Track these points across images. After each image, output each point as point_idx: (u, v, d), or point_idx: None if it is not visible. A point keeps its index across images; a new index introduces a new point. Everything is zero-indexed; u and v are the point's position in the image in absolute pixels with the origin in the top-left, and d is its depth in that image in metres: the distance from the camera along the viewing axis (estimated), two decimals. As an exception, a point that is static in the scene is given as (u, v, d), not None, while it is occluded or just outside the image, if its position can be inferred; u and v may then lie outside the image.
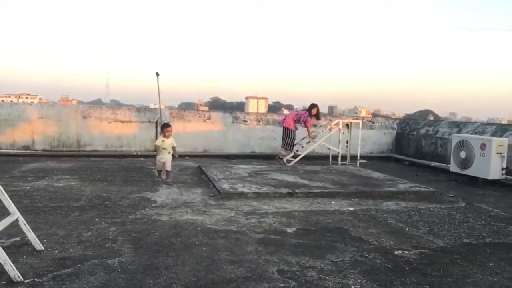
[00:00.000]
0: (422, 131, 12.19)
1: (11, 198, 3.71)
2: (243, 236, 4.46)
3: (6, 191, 3.66)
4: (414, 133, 12.48)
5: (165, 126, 7.49)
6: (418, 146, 12.22)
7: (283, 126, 10.58)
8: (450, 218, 5.63)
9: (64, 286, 3.07)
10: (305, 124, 10.37)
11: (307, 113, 10.37)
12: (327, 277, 3.47)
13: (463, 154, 8.59)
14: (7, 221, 3.48)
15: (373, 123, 13.51)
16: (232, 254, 3.88)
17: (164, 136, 7.32)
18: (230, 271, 3.49)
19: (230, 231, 4.61)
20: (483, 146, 8.17)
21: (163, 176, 7.34)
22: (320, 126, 11.34)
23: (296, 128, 10.38)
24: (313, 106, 10.48)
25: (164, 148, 7.25)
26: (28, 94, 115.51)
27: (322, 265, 3.74)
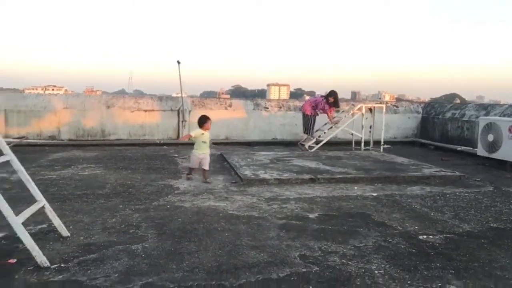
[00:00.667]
0: (448, 114, 11.89)
1: (38, 187, 3.80)
2: (265, 221, 4.45)
3: (33, 180, 3.75)
4: (440, 116, 12.19)
5: (207, 118, 6.72)
6: (444, 130, 11.94)
7: (302, 112, 10.51)
8: (476, 203, 5.49)
9: (89, 271, 3.13)
10: (324, 112, 10.25)
11: (325, 100, 10.22)
12: (349, 262, 3.44)
13: (490, 137, 8.35)
14: (33, 208, 3.56)
15: (397, 107, 13.25)
16: (254, 240, 3.89)
17: (205, 129, 6.64)
18: (252, 256, 3.49)
19: (252, 217, 4.62)
20: (511, 129, 7.92)
21: (202, 177, 6.48)
22: (343, 111, 11.19)
23: (314, 114, 10.25)
24: (331, 94, 10.28)
25: (204, 142, 6.59)
26: (54, 86, 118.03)
27: (344, 250, 3.70)
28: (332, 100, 10.21)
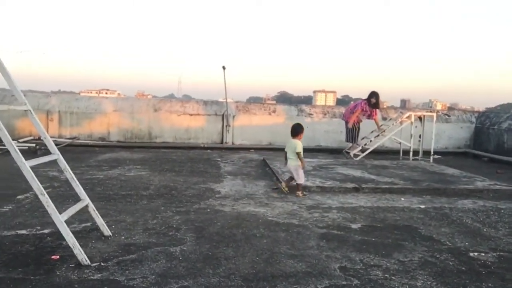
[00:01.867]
0: (505, 125, 11.24)
1: (85, 186, 3.91)
2: (305, 230, 4.34)
3: (81, 179, 3.88)
4: (495, 127, 11.54)
5: (302, 128, 6.18)
6: (499, 141, 11.29)
7: (344, 121, 10.29)
8: (535, 220, 5.11)
9: (127, 271, 3.16)
10: (367, 114, 9.96)
11: (365, 102, 9.94)
12: (393, 277, 3.26)
13: (552, 150, 7.78)
14: (77, 207, 3.65)
15: (448, 116, 12.70)
16: (292, 248, 3.79)
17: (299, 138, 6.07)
18: (290, 265, 3.40)
19: (291, 224, 4.52)
20: None
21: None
22: (390, 119, 10.85)
23: (358, 121, 9.97)
24: (372, 95, 9.99)
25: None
26: (108, 90, 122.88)
27: (388, 264, 3.53)
28: (374, 101, 9.93)
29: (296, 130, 6.13)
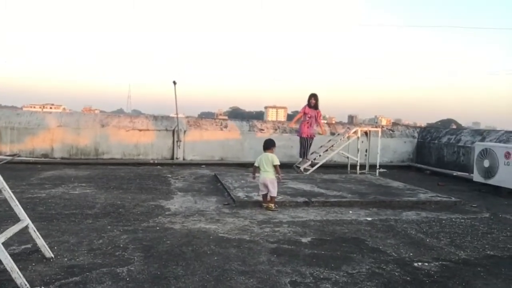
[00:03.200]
0: (444, 139, 11.87)
1: (26, 205, 3.71)
2: (256, 245, 4.33)
3: (22, 198, 3.68)
4: (436, 141, 12.16)
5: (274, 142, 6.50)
6: (439, 155, 11.90)
7: (299, 136, 10.53)
8: (473, 229, 5.39)
9: (70, 295, 3.01)
10: (313, 117, 10.28)
11: (306, 105, 10.40)
12: (342, 290, 3.32)
13: (486, 163, 8.30)
14: (16, 228, 3.44)
15: (392, 131, 13.24)
16: (243, 264, 3.76)
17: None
18: (240, 282, 3.37)
19: (243, 240, 4.50)
20: (507, 155, 7.88)
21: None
22: (338, 134, 11.16)
23: (310, 136, 10.25)
24: (311, 96, 10.43)
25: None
26: (52, 104, 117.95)
27: (337, 276, 3.58)
28: (314, 102, 10.34)
29: (270, 144, 6.41)
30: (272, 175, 6.07)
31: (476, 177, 8.61)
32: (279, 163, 6.20)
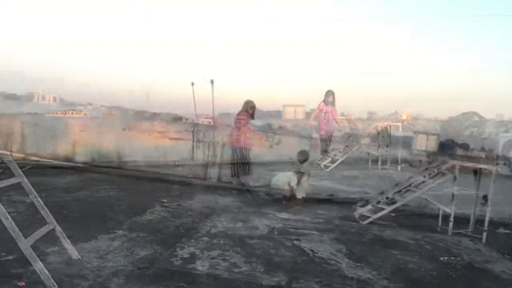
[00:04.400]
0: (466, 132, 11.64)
1: (52, 209, 3.75)
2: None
3: (48, 202, 3.70)
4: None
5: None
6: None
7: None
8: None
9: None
10: (329, 113, 10.11)
11: (322, 102, 10.22)
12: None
13: None
14: (43, 231, 3.53)
15: (413, 126, 13.06)
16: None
17: None
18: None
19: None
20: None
21: None
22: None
23: (324, 131, 10.22)
24: (327, 93, 10.19)
25: None
26: (74, 110, 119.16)
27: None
28: (331, 100, 10.13)
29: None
30: None
31: None
32: None
